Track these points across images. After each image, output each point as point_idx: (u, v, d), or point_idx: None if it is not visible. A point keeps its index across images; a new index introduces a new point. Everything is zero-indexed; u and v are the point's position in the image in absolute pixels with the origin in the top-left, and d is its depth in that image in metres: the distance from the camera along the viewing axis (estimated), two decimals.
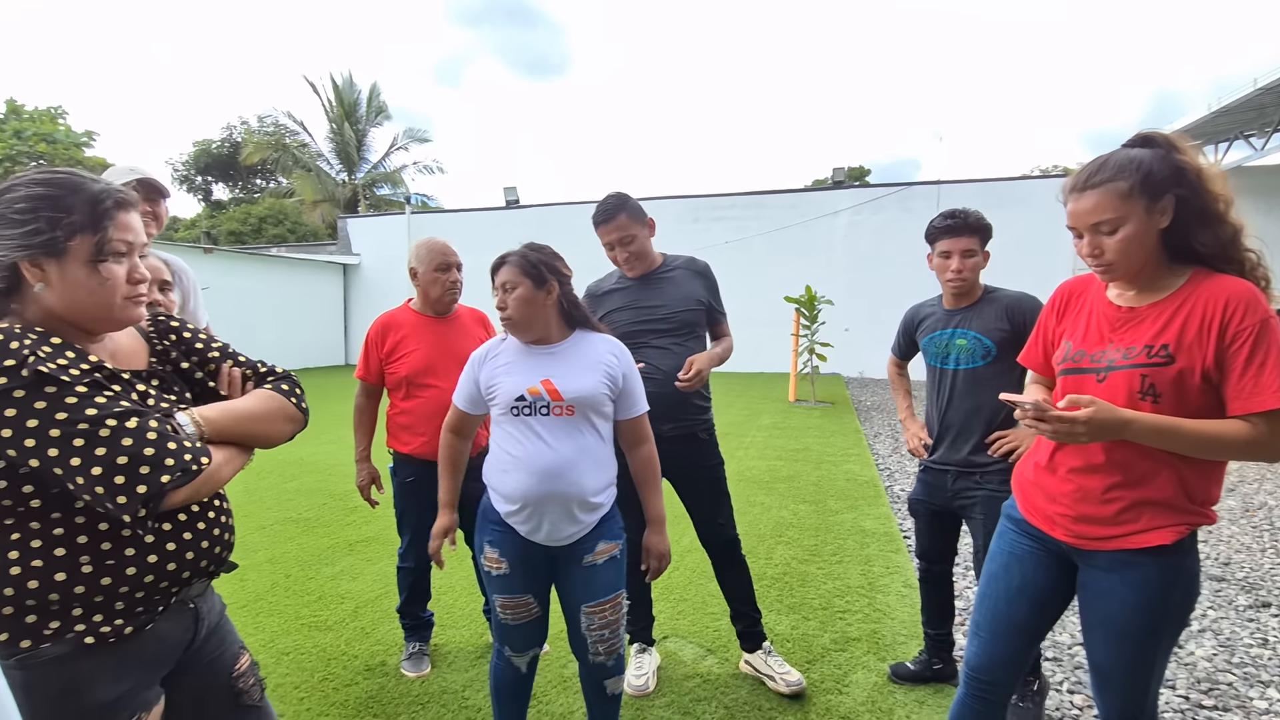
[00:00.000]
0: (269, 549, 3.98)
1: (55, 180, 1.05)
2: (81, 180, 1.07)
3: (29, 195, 1.03)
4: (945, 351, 2.31)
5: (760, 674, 2.50)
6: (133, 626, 1.08)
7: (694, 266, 2.57)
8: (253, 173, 30.32)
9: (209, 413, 1.16)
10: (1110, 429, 1.29)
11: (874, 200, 14.35)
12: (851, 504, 4.79)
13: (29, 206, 1.02)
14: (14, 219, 1.02)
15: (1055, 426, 1.31)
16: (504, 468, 1.79)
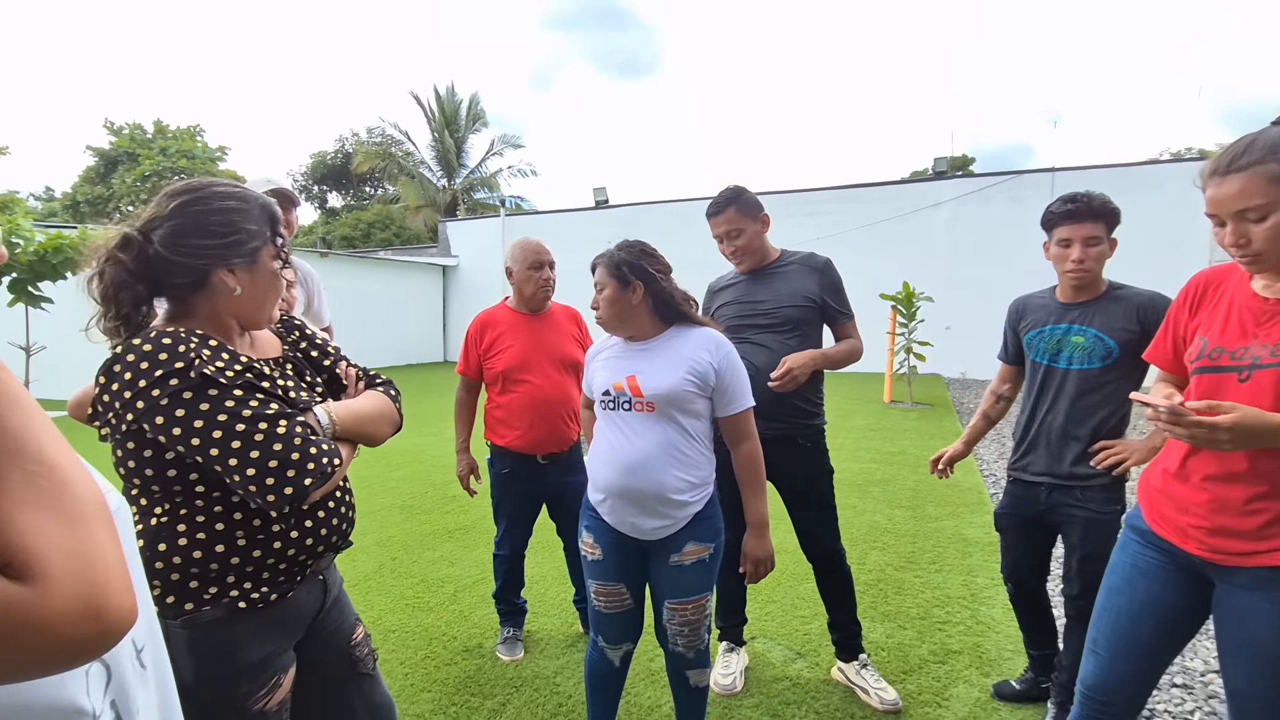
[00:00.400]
0: (377, 533, 4.24)
1: (237, 194, 1.17)
2: (254, 194, 1.20)
3: (222, 209, 1.14)
4: (1056, 349, 2.12)
5: (853, 684, 2.43)
6: (277, 594, 1.19)
7: (811, 262, 2.44)
8: (363, 181, 32.23)
9: (338, 410, 1.27)
10: (1258, 436, 1.17)
11: (979, 191, 13.58)
12: (952, 510, 4.57)
13: (225, 220, 1.13)
14: (213, 230, 1.13)
15: (1193, 431, 1.20)
16: (596, 458, 1.87)
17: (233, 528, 1.14)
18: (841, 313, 2.43)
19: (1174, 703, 2.34)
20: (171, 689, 0.74)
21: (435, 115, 26.65)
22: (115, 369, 1.06)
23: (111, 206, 22.65)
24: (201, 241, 1.13)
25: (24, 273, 7.41)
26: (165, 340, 1.07)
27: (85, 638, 0.49)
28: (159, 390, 1.05)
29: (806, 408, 2.39)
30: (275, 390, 1.17)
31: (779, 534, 3.99)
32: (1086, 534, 2.06)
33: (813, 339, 2.41)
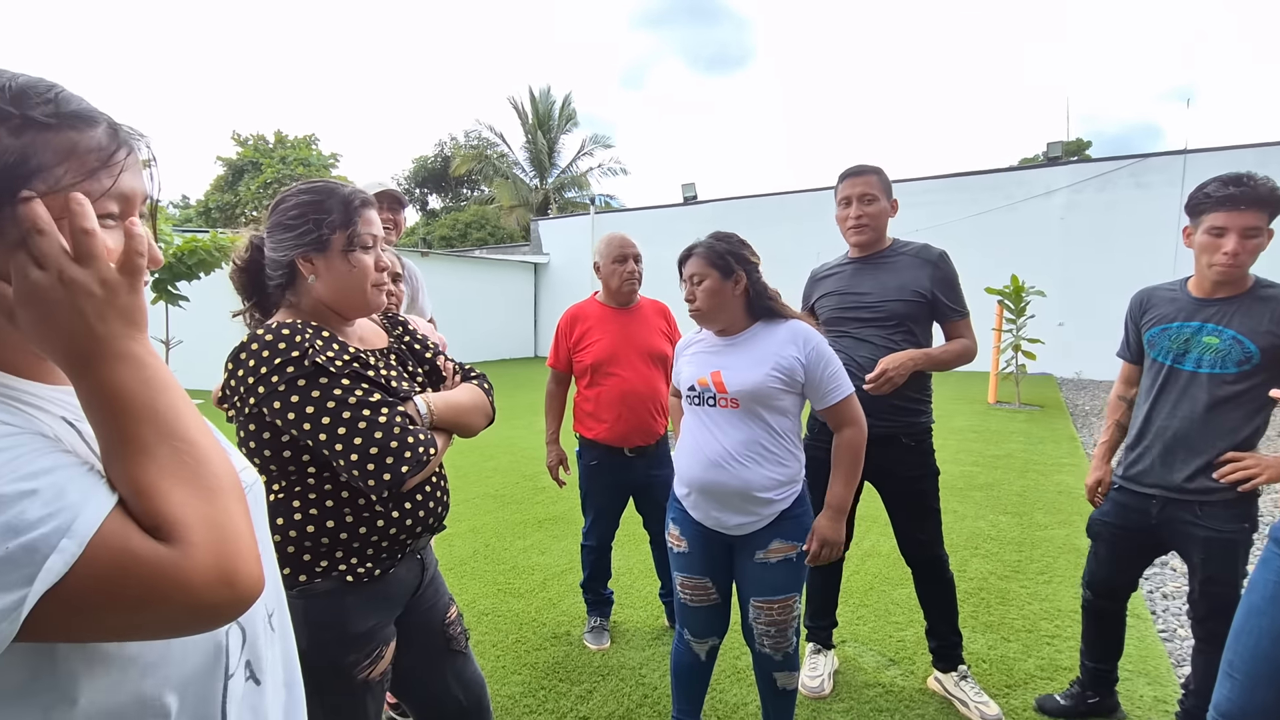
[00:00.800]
0: (470, 520, 4.41)
1: (315, 188, 1.26)
2: (335, 185, 1.27)
3: (298, 203, 1.24)
4: (1184, 348, 1.92)
5: (951, 696, 2.31)
6: (380, 570, 1.27)
7: (924, 254, 2.29)
8: (460, 183, 33.58)
9: (436, 401, 1.33)
10: None
11: (1099, 176, 12.56)
12: (1064, 519, 4.27)
13: (299, 212, 1.23)
14: (289, 224, 1.23)
15: None
16: (682, 451, 1.88)
17: (340, 506, 1.22)
18: (954, 310, 2.27)
19: None
20: (294, 655, 0.80)
21: (529, 117, 27.39)
22: (241, 356, 1.16)
23: (238, 212, 24.68)
24: (282, 235, 1.23)
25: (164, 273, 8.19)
26: (284, 331, 1.16)
27: (220, 602, 0.54)
28: (277, 377, 1.14)
29: (911, 405, 2.26)
30: (379, 380, 1.24)
31: (872, 536, 3.88)
32: (1209, 555, 1.87)
33: (920, 336, 2.28)
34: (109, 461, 0.55)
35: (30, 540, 0.47)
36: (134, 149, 0.61)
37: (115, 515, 0.52)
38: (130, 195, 0.60)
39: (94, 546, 0.49)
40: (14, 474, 0.48)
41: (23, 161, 0.53)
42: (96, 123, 0.58)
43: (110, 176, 0.58)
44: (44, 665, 0.52)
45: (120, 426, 0.54)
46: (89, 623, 0.50)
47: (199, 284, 7.97)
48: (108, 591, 0.49)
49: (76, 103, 0.57)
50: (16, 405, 0.56)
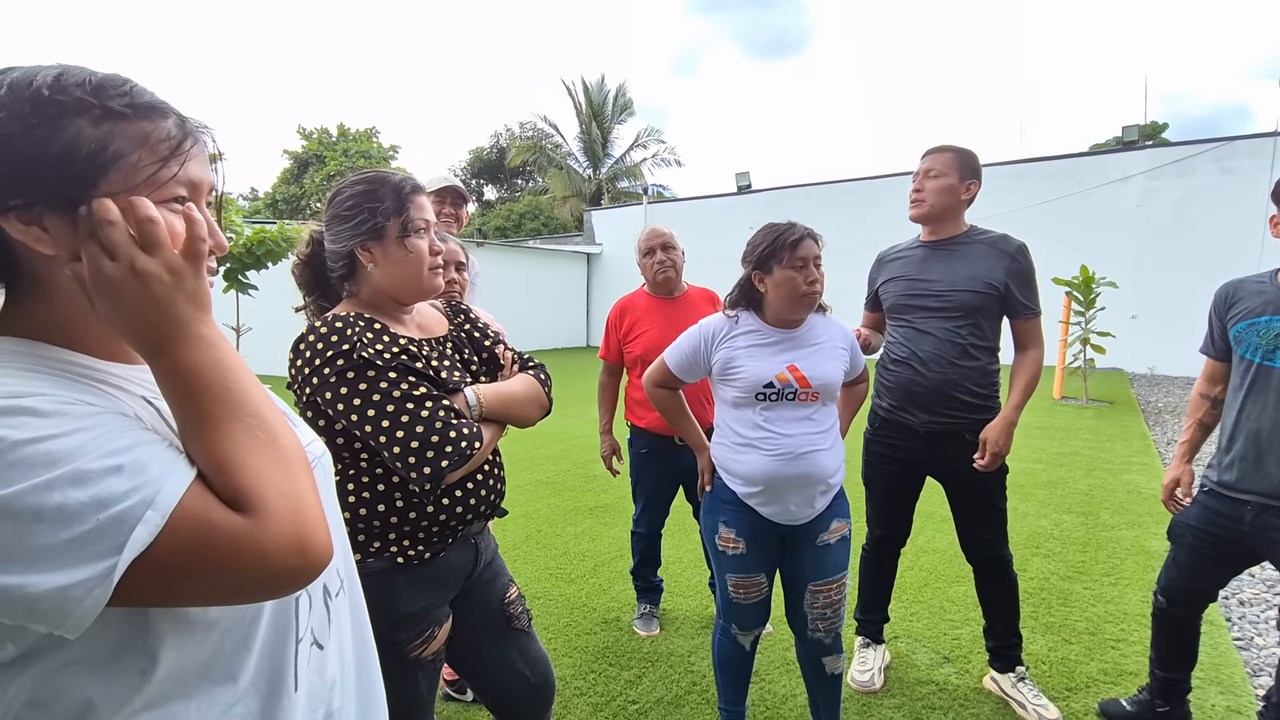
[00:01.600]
0: (524, 506, 4.51)
1: (367, 178, 1.30)
2: (386, 175, 1.31)
3: (352, 194, 1.28)
4: (1274, 344, 1.81)
5: (1008, 697, 2.26)
6: (431, 553, 1.31)
7: (1002, 245, 2.19)
8: (515, 174, 34.03)
9: (487, 393, 1.36)
10: None
11: (1179, 161, 11.85)
12: (1133, 519, 4.09)
13: (354, 203, 1.28)
14: (345, 215, 1.28)
15: None
16: (741, 449, 1.81)
17: (391, 491, 1.27)
18: (1027, 307, 2.18)
19: None
20: (364, 621, 0.85)
21: (583, 107, 27.51)
22: (300, 347, 1.22)
23: (303, 204, 25.63)
24: (340, 227, 1.28)
25: (234, 263, 8.59)
26: (338, 324, 1.22)
27: (293, 568, 0.58)
28: (329, 369, 1.19)
29: (976, 401, 2.18)
30: (427, 372, 1.27)
31: (928, 532, 3.80)
32: None
33: (988, 330, 2.20)
34: (186, 437, 0.59)
35: (118, 512, 0.51)
36: (200, 140, 0.64)
37: (195, 488, 0.55)
38: (198, 183, 0.64)
39: (176, 518, 0.53)
40: (100, 451, 0.52)
41: (102, 150, 0.57)
42: (167, 115, 0.62)
43: (179, 163, 0.61)
44: (136, 629, 0.57)
45: (195, 404, 0.58)
46: (174, 589, 0.54)
47: (267, 273, 8.33)
48: (191, 559, 0.53)
49: (149, 95, 0.61)
50: (99, 386, 0.61)
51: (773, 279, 1.78)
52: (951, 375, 2.17)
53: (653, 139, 27.72)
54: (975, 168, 2.22)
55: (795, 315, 1.82)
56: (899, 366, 2.28)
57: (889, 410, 2.31)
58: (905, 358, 2.25)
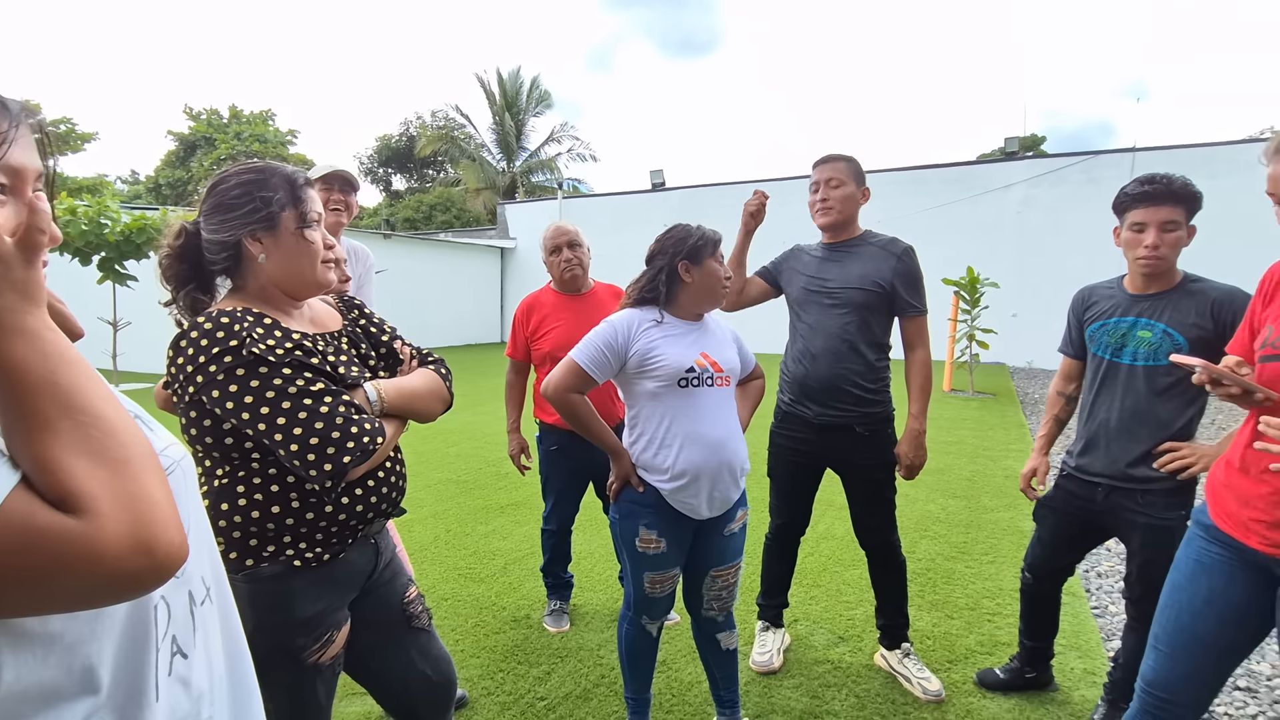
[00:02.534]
0: (433, 505, 4.40)
1: (255, 168, 1.25)
2: (274, 165, 1.26)
3: (240, 183, 1.23)
4: (1121, 343, 2.00)
5: (896, 672, 2.41)
6: (329, 554, 1.27)
7: (891, 247, 2.33)
8: (425, 164, 32.99)
9: (387, 387, 1.32)
10: None
11: (1053, 172, 12.93)
12: (1010, 502, 4.44)
13: (242, 192, 1.22)
14: (232, 204, 1.22)
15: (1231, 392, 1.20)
16: (667, 443, 1.82)
17: (286, 491, 1.22)
18: (912, 305, 2.31)
19: (1235, 705, 2.24)
20: (238, 627, 0.82)
21: (497, 98, 27.01)
22: (181, 344, 1.16)
23: (190, 189, 23.89)
24: (225, 216, 1.22)
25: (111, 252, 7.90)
26: (224, 320, 1.15)
27: (138, 570, 0.55)
28: (215, 366, 1.13)
29: (865, 395, 2.30)
30: (323, 367, 1.23)
31: (828, 519, 3.98)
32: (1147, 541, 1.96)
33: (875, 327, 2.32)
34: (9, 438, 0.55)
35: None
36: (23, 123, 0.60)
37: (18, 492, 0.52)
38: (20, 169, 0.59)
39: None
40: None
41: None
42: None
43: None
44: None
45: (19, 402, 0.54)
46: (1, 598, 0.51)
47: (148, 263, 7.73)
48: (15, 566, 0.50)
49: None
50: None
51: (701, 270, 1.86)
52: (841, 370, 2.29)
53: (567, 134, 27.57)
54: (863, 174, 2.37)
55: (709, 307, 1.93)
56: (796, 362, 2.39)
57: (788, 404, 2.42)
58: (801, 353, 2.37)
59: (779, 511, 2.54)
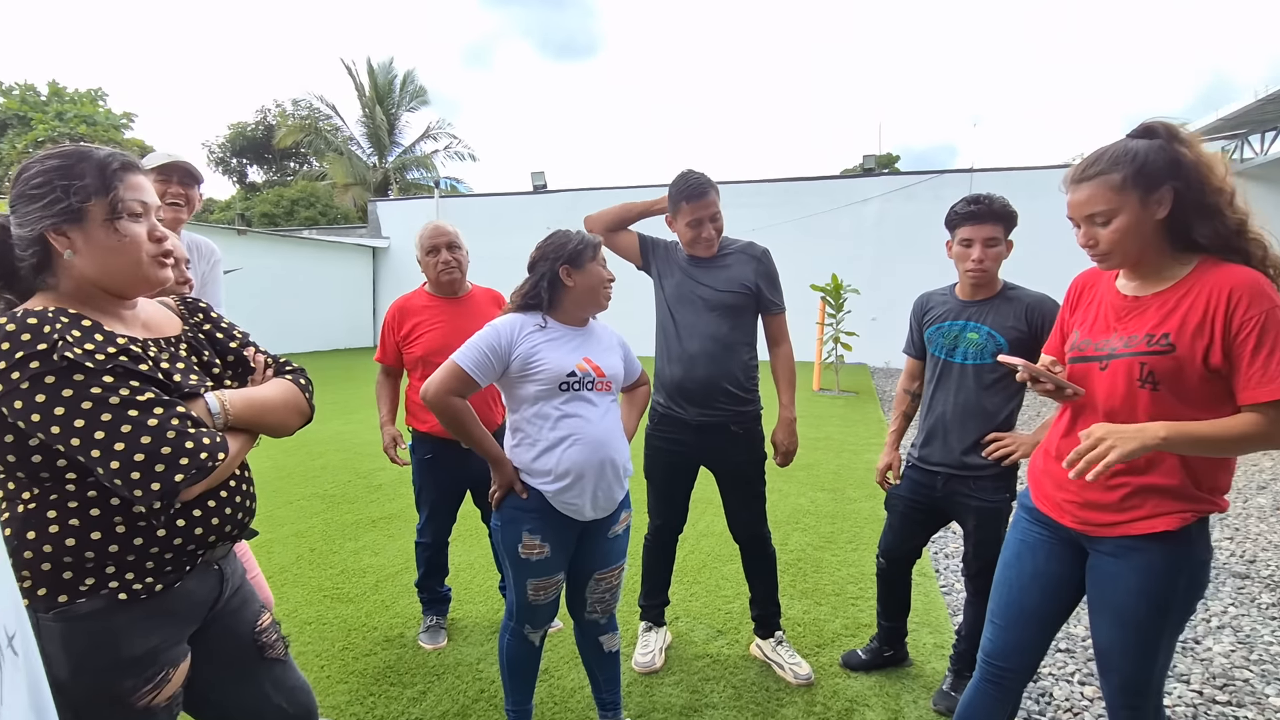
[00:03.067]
0: (295, 523, 4.10)
1: (64, 152, 1.10)
2: (88, 149, 1.12)
3: (42, 170, 1.08)
4: (953, 344, 2.22)
5: (769, 660, 2.52)
6: (162, 584, 1.14)
7: (750, 250, 2.46)
8: (286, 156, 30.77)
9: (234, 398, 1.20)
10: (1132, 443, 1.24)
11: (905, 188, 14.10)
12: (871, 493, 4.77)
13: (44, 180, 1.07)
14: (33, 194, 1.07)
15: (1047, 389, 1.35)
16: (549, 445, 1.81)
17: (110, 515, 1.08)
18: (774, 304, 2.46)
19: (1058, 665, 2.53)
20: (42, 681, 0.71)
21: (366, 89, 25.67)
22: None
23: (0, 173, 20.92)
24: (27, 208, 1.08)
25: None
26: (30, 320, 1.01)
27: None
28: (19, 373, 0.99)
29: (740, 394, 2.40)
30: (154, 375, 1.11)
31: (707, 517, 4.09)
32: (979, 522, 2.19)
33: (745, 327, 2.43)
34: None
35: None
36: None
37: None
38: None
39: None
40: None
41: None
42: None
43: None
44: None
45: None
46: None
47: None
48: None
49: None
50: None
51: (583, 274, 1.86)
52: (717, 371, 2.37)
53: (444, 131, 26.70)
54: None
55: (592, 312, 1.93)
56: (672, 364, 2.44)
57: (664, 406, 2.47)
58: (677, 356, 2.42)
59: (658, 512, 2.58)
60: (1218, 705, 2.29)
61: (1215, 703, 2.30)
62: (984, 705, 1.62)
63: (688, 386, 2.39)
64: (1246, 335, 1.24)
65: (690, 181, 2.33)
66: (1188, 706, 2.28)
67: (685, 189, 2.34)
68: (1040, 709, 2.28)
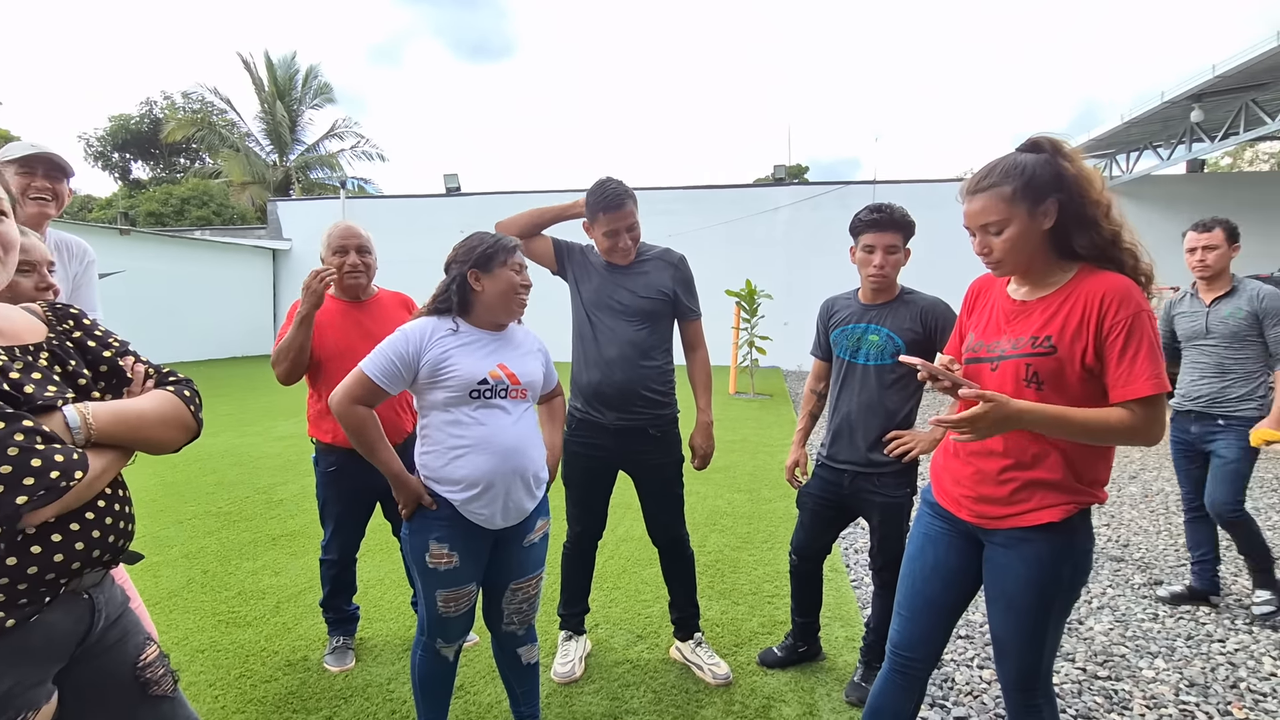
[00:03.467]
0: (185, 544, 3.81)
1: None
2: None
3: None
4: (856, 346, 2.31)
5: (689, 662, 2.54)
6: (17, 618, 1.02)
7: (667, 257, 2.48)
8: (176, 151, 28.74)
9: (100, 412, 1.09)
10: (1006, 421, 1.35)
11: (813, 198, 14.68)
12: (785, 492, 4.90)
13: None
14: None
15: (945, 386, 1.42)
16: (458, 453, 1.76)
17: None
18: (691, 310, 2.49)
19: (959, 652, 2.67)
20: None
21: (265, 84, 24.34)
22: None
23: None
24: None
25: None
26: None
27: None
28: None
29: (657, 398, 2.42)
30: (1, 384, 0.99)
31: (626, 522, 4.09)
32: (883, 517, 2.29)
33: (662, 332, 2.46)
34: None
35: None
36: None
37: None
38: None
39: None
40: None
41: None
42: None
43: None
44: None
45: None
46: None
47: None
48: None
49: None
50: None
51: (492, 279, 1.81)
52: (635, 376, 2.37)
53: (349, 130, 25.66)
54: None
55: (506, 318, 1.87)
56: (590, 369, 2.42)
57: (583, 411, 2.45)
58: (595, 361, 2.41)
59: (577, 519, 2.56)
60: (1099, 680, 2.48)
61: (1097, 678, 2.49)
62: (893, 695, 1.68)
63: (606, 391, 2.38)
64: (1115, 337, 1.35)
65: (607, 192, 2.32)
66: (1073, 684, 2.46)
67: (602, 200, 2.33)
68: (943, 694, 2.39)
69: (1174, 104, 9.72)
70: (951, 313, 2.20)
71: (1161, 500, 4.84)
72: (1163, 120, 10.69)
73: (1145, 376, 1.32)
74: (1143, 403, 1.33)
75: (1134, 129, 11.32)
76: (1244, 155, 25.51)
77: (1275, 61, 8.25)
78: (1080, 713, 2.28)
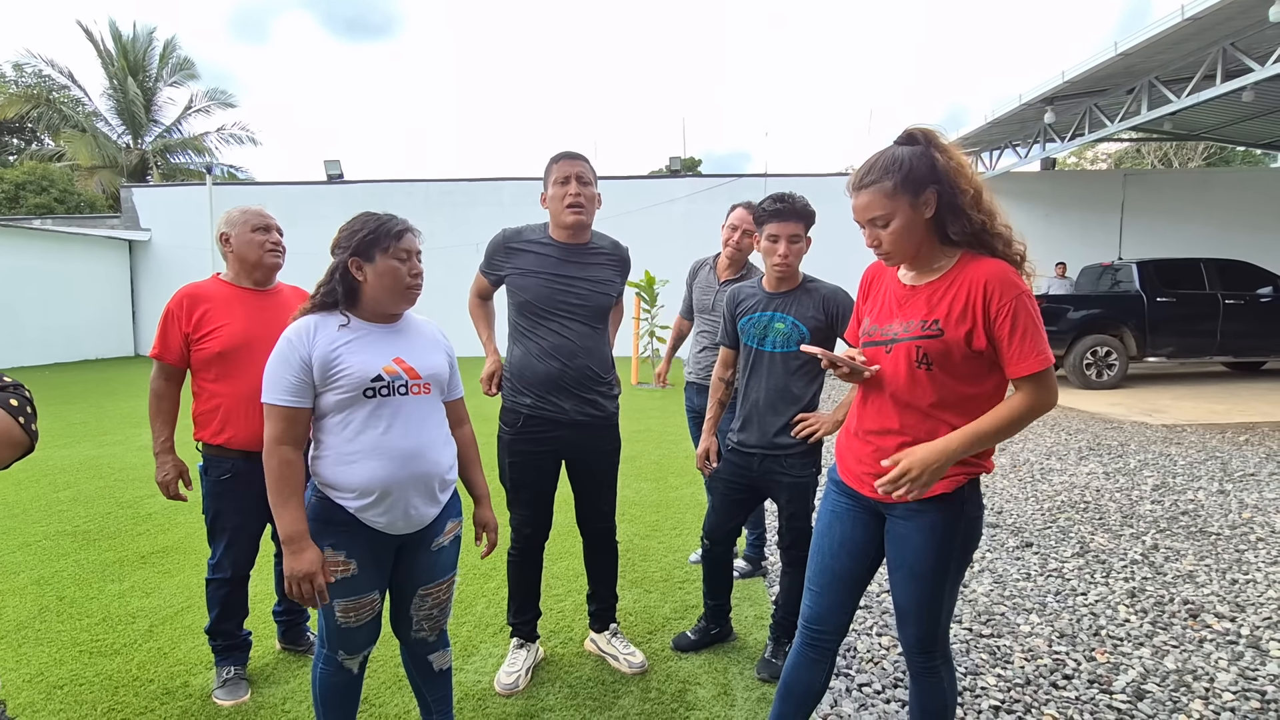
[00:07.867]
0: (35, 569, 3.39)
1: None
2: None
3: None
4: (763, 333, 2.37)
5: (604, 653, 2.53)
6: None
7: (618, 252, 2.51)
8: (7, 130, 25.47)
9: None
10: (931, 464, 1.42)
11: (708, 190, 14.99)
12: (692, 479, 4.99)
13: None
14: None
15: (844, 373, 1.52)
16: (351, 459, 1.63)
17: None
18: (618, 297, 2.57)
19: (859, 621, 2.82)
20: None
21: (115, 58, 21.98)
22: None
23: None
24: None
25: None
26: None
27: None
28: None
29: (611, 381, 2.48)
30: None
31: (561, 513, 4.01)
32: (791, 496, 2.37)
33: (606, 327, 2.51)
34: None
35: None
36: None
37: None
38: None
39: None
40: None
41: None
42: None
43: None
44: None
45: None
46: None
47: None
48: None
49: None
50: None
51: (375, 268, 1.66)
52: (592, 364, 2.37)
53: (216, 102, 23.63)
54: None
55: (396, 309, 1.74)
56: (544, 360, 2.33)
57: (533, 407, 2.36)
58: (550, 350, 2.33)
59: (527, 521, 2.46)
60: (984, 639, 2.69)
61: (981, 636, 2.70)
62: (806, 668, 1.74)
63: (565, 385, 2.34)
64: (1003, 321, 1.45)
65: (564, 150, 2.38)
66: (961, 643, 2.65)
67: (561, 153, 2.38)
68: (847, 663, 2.52)
69: (1030, 106, 10.67)
70: (851, 300, 2.30)
71: (1028, 469, 5.32)
72: (1020, 121, 11.73)
73: (1034, 354, 1.43)
74: (1034, 377, 1.44)
75: (995, 129, 12.34)
76: (1086, 155, 28.49)
77: (1113, 70, 9.23)
78: (969, 669, 2.46)
